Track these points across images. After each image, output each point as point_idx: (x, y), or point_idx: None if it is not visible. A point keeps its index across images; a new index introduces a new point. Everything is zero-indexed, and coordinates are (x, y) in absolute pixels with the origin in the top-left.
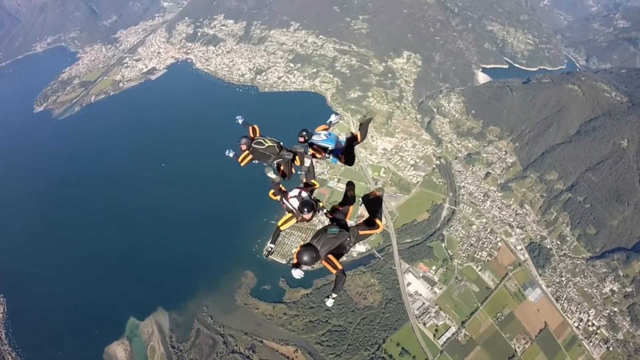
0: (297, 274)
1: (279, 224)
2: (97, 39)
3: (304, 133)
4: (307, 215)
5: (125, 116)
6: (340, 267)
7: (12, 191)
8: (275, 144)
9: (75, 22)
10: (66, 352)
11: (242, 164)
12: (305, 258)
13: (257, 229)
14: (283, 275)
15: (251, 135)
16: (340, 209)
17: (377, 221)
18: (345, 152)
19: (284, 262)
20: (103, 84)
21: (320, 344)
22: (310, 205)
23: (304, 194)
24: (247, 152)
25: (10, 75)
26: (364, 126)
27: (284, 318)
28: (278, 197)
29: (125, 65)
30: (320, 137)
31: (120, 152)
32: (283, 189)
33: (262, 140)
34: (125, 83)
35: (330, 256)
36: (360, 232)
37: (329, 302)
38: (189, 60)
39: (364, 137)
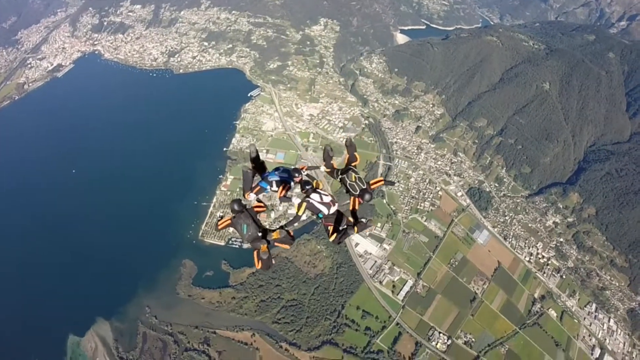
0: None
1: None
2: None
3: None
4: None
5: (33, 121)
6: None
7: None
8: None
9: None
10: None
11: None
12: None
13: (188, 214)
14: (224, 258)
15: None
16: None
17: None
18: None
19: (222, 243)
20: (7, 89)
21: (277, 322)
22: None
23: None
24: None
25: None
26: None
27: (234, 303)
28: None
29: (29, 66)
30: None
31: (29, 160)
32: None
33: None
34: (30, 85)
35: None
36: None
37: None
38: (96, 52)
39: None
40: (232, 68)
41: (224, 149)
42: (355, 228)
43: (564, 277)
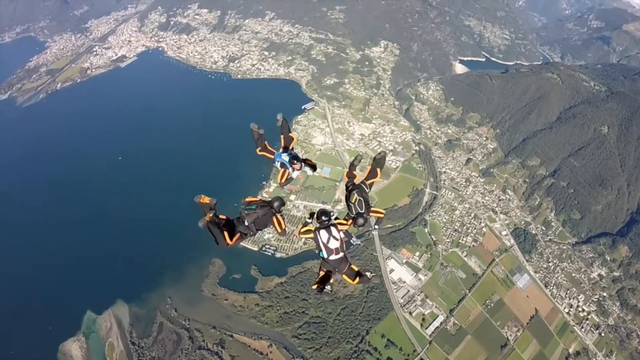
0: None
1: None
2: (67, 28)
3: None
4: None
5: (90, 103)
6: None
7: None
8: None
9: (45, 11)
10: (17, 351)
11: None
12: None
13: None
14: (255, 263)
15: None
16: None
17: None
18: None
19: (255, 248)
20: (70, 72)
21: (297, 337)
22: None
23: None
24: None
25: None
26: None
27: (256, 309)
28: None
29: (95, 53)
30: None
31: (81, 139)
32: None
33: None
34: (93, 70)
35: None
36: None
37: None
38: (160, 49)
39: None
40: (289, 80)
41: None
42: (356, 279)
43: (602, 334)
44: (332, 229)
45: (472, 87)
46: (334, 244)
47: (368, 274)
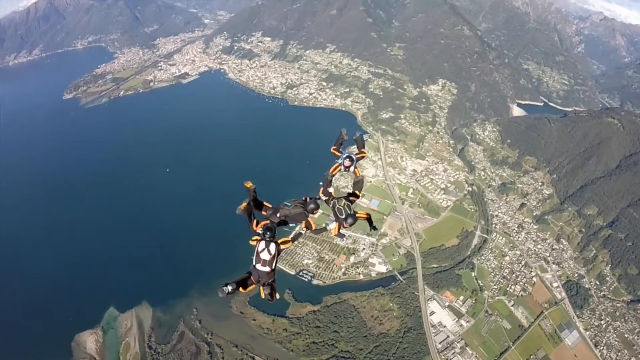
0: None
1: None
2: (136, 42)
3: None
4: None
5: (149, 113)
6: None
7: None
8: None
9: (117, 25)
10: (34, 335)
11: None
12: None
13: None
14: (290, 287)
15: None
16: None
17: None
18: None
19: (292, 272)
20: (134, 82)
21: None
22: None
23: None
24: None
25: (48, 65)
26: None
27: (284, 335)
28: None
29: (159, 68)
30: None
31: (135, 146)
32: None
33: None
34: (156, 83)
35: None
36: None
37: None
38: (222, 70)
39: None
40: (345, 111)
41: (320, 183)
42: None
43: None
44: (272, 244)
45: (529, 130)
46: (265, 256)
47: (277, 294)
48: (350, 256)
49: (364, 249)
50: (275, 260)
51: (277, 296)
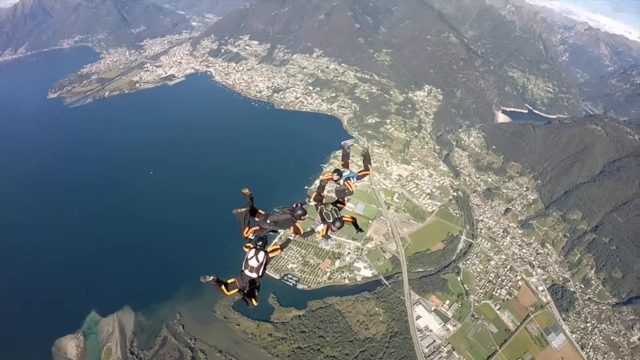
0: None
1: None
2: (122, 43)
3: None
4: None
5: (134, 113)
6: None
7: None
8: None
9: (104, 25)
10: (13, 337)
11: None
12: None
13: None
14: (274, 291)
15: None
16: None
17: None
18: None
19: (277, 277)
20: (120, 83)
21: None
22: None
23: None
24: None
25: (33, 63)
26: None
27: (268, 340)
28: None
29: (146, 69)
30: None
31: (119, 145)
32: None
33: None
34: (142, 84)
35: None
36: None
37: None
38: (208, 73)
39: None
40: (331, 115)
41: (305, 187)
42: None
43: None
44: (262, 252)
45: (514, 136)
46: (253, 263)
47: (255, 302)
48: (335, 260)
49: (349, 253)
50: (263, 268)
51: (255, 303)
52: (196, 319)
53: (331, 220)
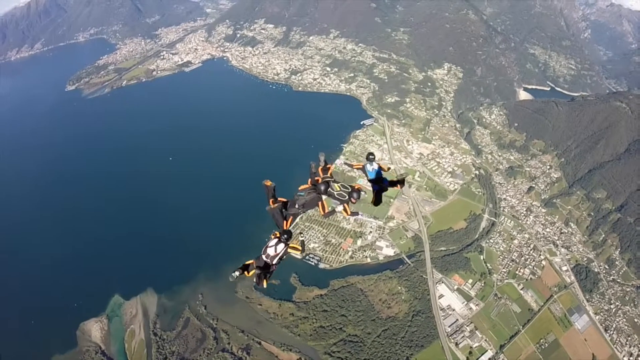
0: None
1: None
2: (137, 33)
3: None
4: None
5: (152, 101)
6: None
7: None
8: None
9: (119, 17)
10: (39, 322)
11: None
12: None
13: (271, 223)
14: (296, 271)
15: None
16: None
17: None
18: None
19: (299, 256)
20: (137, 72)
21: (329, 354)
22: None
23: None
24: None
25: (50, 58)
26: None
27: (290, 319)
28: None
29: (162, 57)
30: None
31: (139, 134)
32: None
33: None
34: (159, 72)
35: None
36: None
37: None
38: (224, 58)
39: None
40: (350, 95)
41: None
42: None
43: None
44: (282, 244)
45: (537, 114)
46: (271, 252)
47: (265, 283)
48: (357, 239)
49: (370, 232)
50: (279, 258)
51: (264, 285)
52: (218, 300)
53: (346, 198)
